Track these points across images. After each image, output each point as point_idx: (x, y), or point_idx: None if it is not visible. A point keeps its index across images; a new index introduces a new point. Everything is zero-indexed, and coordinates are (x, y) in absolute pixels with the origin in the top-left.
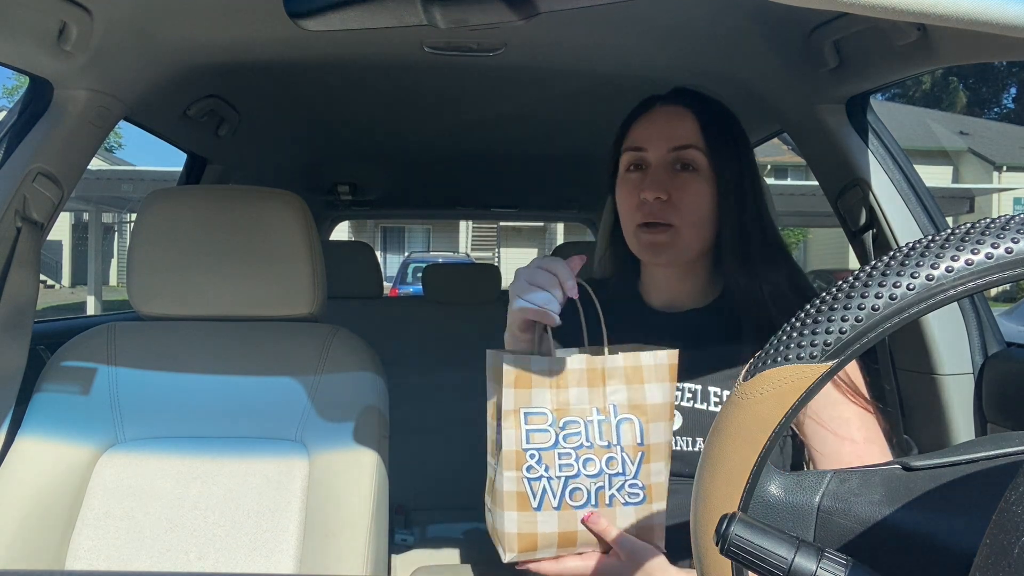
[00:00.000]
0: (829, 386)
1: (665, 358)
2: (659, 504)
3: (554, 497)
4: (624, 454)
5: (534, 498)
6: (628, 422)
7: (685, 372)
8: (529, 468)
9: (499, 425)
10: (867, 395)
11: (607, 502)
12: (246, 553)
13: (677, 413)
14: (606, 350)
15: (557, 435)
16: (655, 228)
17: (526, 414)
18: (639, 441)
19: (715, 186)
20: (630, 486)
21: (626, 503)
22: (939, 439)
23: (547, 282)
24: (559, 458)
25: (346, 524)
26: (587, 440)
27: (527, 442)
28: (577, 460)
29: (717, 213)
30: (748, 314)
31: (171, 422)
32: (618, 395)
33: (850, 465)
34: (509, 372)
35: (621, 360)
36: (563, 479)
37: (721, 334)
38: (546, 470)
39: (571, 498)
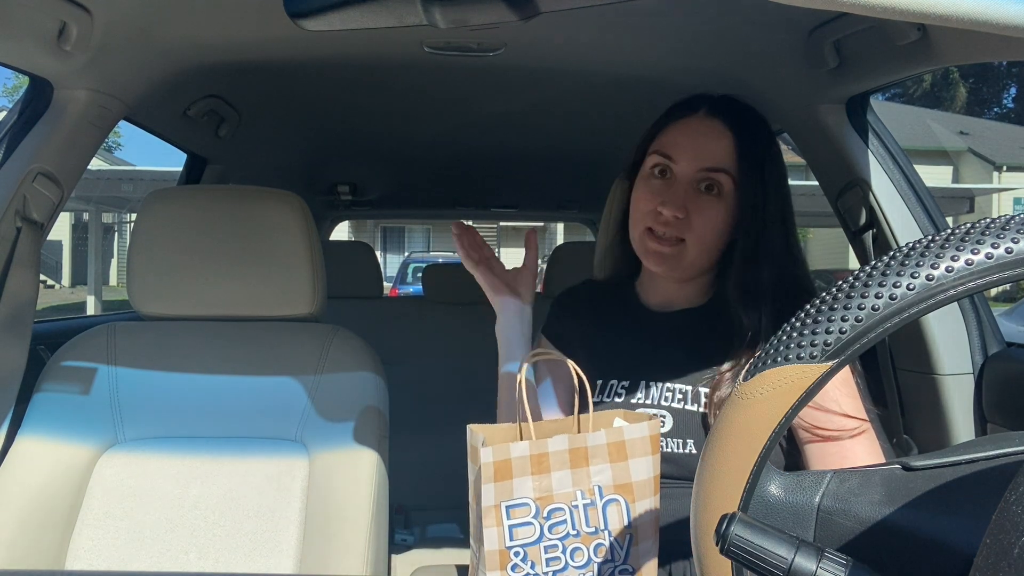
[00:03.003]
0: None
1: (647, 430)
2: None
3: None
4: (613, 539)
5: None
6: (615, 503)
7: (676, 373)
8: (514, 567)
9: (479, 512)
10: (861, 410)
11: None
12: (246, 553)
13: (667, 414)
14: (591, 418)
15: (542, 527)
16: (664, 240)
17: (508, 508)
18: (627, 523)
19: (735, 210)
20: (620, 572)
21: None
22: (939, 439)
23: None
24: (545, 552)
25: (346, 524)
26: (573, 528)
27: (511, 539)
28: (564, 551)
29: (729, 234)
30: (730, 328)
31: (171, 422)
32: (603, 475)
33: (834, 457)
34: (488, 465)
35: (604, 437)
36: (551, 574)
37: (713, 335)
38: (532, 567)
39: None
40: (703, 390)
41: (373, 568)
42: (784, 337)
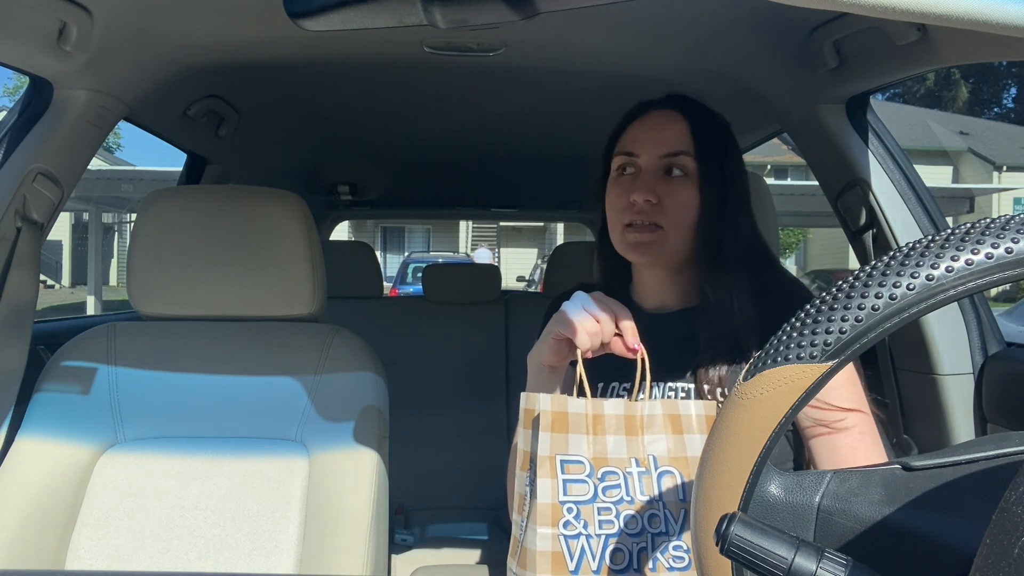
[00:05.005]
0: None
1: (703, 408)
2: None
3: (594, 559)
4: (667, 511)
5: (571, 559)
6: (669, 475)
7: (677, 372)
8: (566, 524)
9: (530, 475)
10: (860, 401)
11: (650, 566)
12: (246, 553)
13: None
14: (647, 394)
15: (596, 487)
16: (642, 228)
17: (563, 462)
18: (681, 497)
19: (702, 188)
20: (674, 548)
21: (670, 568)
22: (939, 439)
23: (603, 317)
24: (598, 513)
25: (346, 524)
26: (627, 495)
27: (564, 494)
28: (618, 516)
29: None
30: (709, 322)
31: (171, 422)
32: (657, 445)
33: (845, 452)
34: (546, 414)
35: (660, 408)
36: (603, 538)
37: (711, 333)
38: (585, 527)
39: (612, 560)
40: (705, 387)
41: (373, 568)
42: (784, 337)
